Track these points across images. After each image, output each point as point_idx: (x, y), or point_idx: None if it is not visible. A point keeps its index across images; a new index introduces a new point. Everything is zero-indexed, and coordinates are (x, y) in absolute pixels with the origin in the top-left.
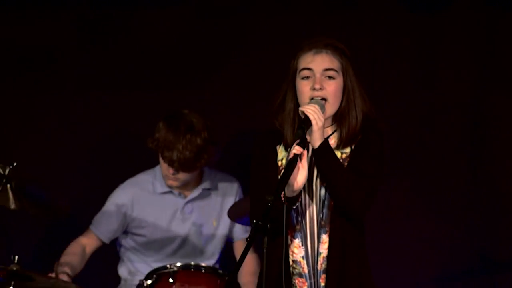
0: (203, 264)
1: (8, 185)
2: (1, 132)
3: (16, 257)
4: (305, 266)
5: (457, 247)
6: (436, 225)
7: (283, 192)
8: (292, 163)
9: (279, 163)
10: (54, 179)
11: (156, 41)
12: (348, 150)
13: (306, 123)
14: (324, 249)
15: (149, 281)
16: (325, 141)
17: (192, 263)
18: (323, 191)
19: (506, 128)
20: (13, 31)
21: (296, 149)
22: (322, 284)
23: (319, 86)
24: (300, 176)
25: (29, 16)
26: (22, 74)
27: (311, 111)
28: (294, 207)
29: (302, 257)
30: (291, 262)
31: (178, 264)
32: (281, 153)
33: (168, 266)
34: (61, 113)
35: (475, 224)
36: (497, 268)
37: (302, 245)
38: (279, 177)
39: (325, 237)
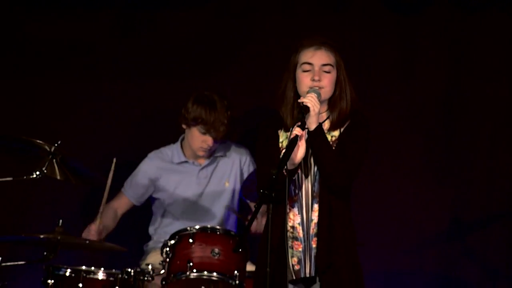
0: (218, 227)
1: (54, 160)
2: (47, 115)
3: (61, 221)
4: (301, 231)
5: (433, 214)
6: (416, 195)
7: (285, 166)
8: (293, 141)
9: (280, 145)
10: (92, 154)
11: (178, 38)
12: (337, 133)
13: (305, 109)
14: (315, 216)
15: (172, 241)
16: (320, 125)
17: (209, 225)
18: (316, 168)
19: (475, 109)
20: (60, 28)
21: (297, 130)
22: (314, 245)
23: (318, 78)
24: (299, 153)
25: (72, 16)
26: (66, 65)
27: (309, 100)
28: (293, 179)
29: (298, 223)
30: (288, 228)
31: (197, 226)
32: (281, 136)
33: (188, 228)
34: (99, 98)
35: (448, 194)
36: (469, 231)
37: (299, 213)
38: (281, 155)
39: (316, 206)
